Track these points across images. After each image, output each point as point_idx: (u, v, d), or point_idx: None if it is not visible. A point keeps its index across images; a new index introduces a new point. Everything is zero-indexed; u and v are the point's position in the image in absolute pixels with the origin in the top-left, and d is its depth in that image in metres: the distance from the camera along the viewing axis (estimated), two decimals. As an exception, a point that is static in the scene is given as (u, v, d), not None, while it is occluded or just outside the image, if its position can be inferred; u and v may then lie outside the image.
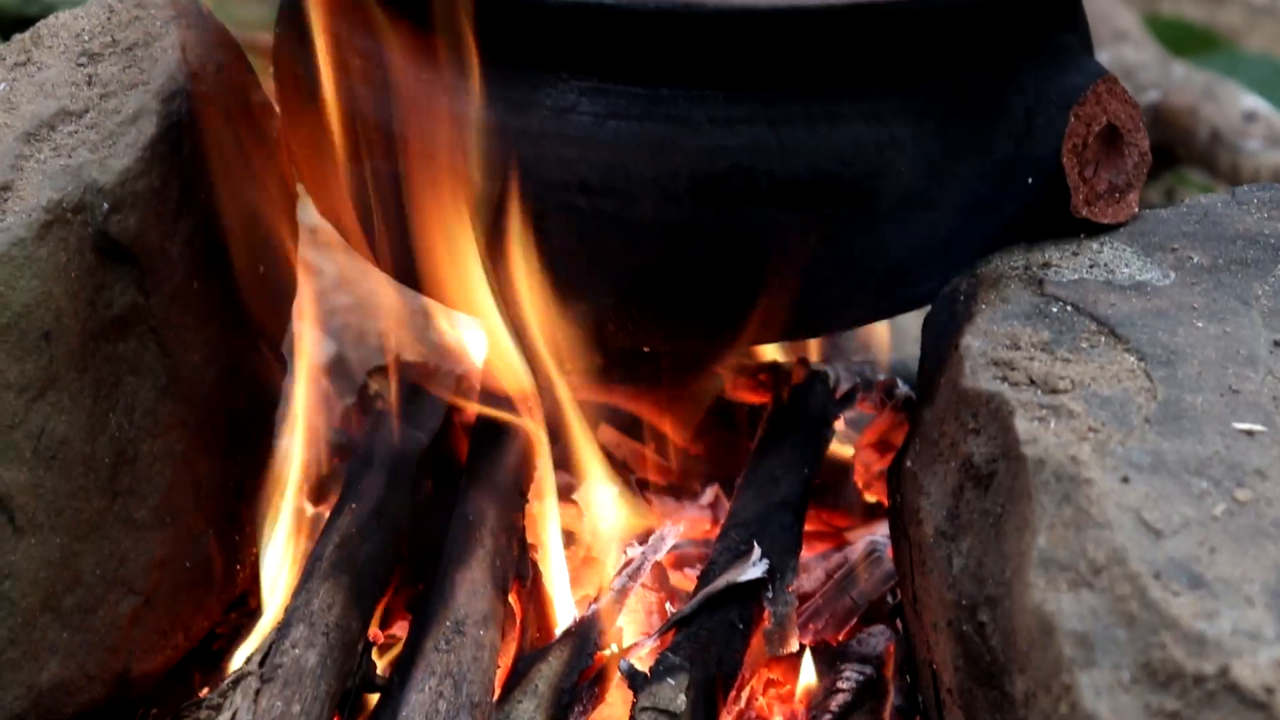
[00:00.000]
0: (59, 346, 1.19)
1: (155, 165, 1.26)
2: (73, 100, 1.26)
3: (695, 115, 1.16)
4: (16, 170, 1.20)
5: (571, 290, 1.21)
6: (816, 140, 1.16)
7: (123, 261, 1.24)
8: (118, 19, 1.33)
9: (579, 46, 1.15)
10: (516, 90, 1.17)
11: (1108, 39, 2.52)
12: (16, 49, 1.30)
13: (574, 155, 1.17)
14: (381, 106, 1.22)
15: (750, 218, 1.17)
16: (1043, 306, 1.15)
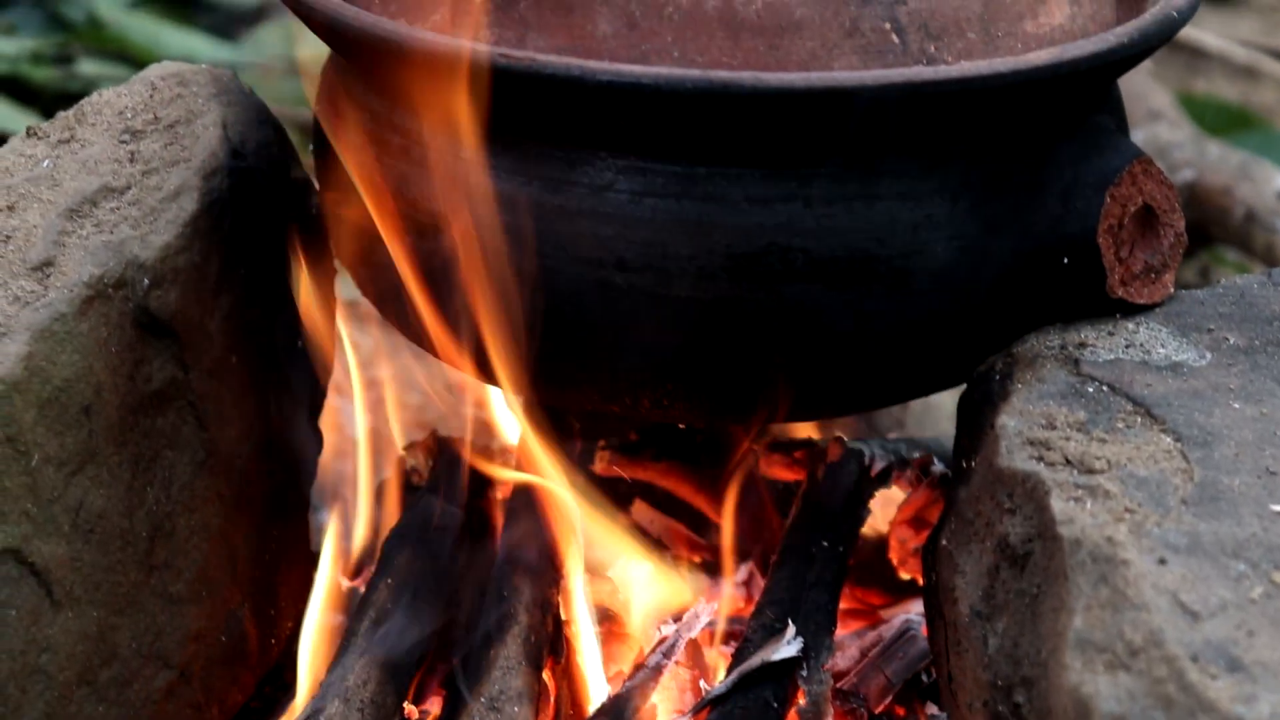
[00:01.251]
0: (98, 421, 1.20)
1: (196, 241, 1.27)
2: (115, 177, 1.27)
3: (732, 194, 1.16)
4: (59, 246, 1.21)
5: (607, 367, 1.22)
6: (853, 219, 1.17)
7: (162, 336, 1.25)
8: (160, 96, 1.34)
9: (616, 125, 1.16)
10: (554, 168, 1.18)
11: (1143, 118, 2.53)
12: (60, 126, 1.32)
13: (611, 233, 1.17)
14: (419, 183, 1.22)
15: (786, 296, 1.17)
16: (1079, 386, 1.16)
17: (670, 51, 1.17)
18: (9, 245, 1.20)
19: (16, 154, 1.29)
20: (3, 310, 1.17)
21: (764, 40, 1.16)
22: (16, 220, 1.22)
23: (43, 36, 2.34)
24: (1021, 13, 1.21)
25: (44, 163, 1.28)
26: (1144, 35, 1.20)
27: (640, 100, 1.13)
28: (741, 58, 1.16)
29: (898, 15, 1.17)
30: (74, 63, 2.28)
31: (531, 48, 1.18)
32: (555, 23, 1.18)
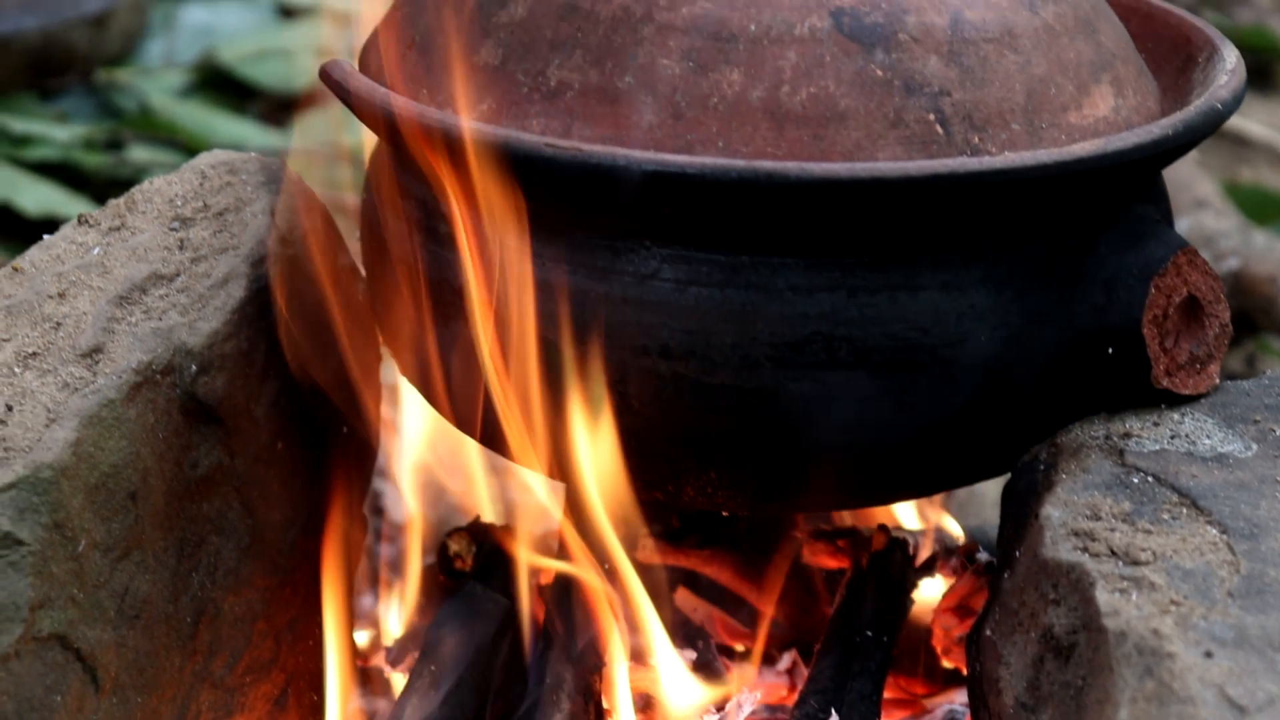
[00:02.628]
0: (145, 506, 1.20)
1: (243, 328, 1.28)
2: (164, 264, 1.28)
3: (776, 283, 1.17)
4: (108, 333, 1.22)
5: (650, 454, 1.22)
6: (896, 308, 1.17)
7: (209, 422, 1.26)
8: (210, 184, 1.36)
9: (661, 213, 1.17)
10: (599, 256, 1.19)
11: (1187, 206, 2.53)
12: (111, 214, 1.33)
13: (655, 321, 1.18)
14: (464, 270, 1.23)
15: (830, 385, 1.17)
16: (1124, 477, 1.15)
17: (715, 141, 1.17)
18: (59, 332, 1.22)
19: (68, 241, 1.30)
20: (52, 396, 1.18)
21: (808, 131, 1.17)
22: (67, 307, 1.23)
23: (94, 123, 2.37)
24: (1065, 104, 1.22)
25: (95, 250, 1.29)
26: (1189, 127, 1.20)
27: (685, 189, 1.14)
28: (786, 148, 1.17)
29: (942, 106, 1.18)
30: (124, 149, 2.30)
31: (577, 137, 1.19)
32: (601, 113, 1.19)
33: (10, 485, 1.14)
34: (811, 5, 1.19)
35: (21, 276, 1.27)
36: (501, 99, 1.22)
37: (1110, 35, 1.27)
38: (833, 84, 1.17)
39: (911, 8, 1.20)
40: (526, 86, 1.21)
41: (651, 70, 1.19)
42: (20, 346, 1.21)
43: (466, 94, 1.24)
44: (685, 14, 1.19)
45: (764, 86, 1.18)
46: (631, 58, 1.19)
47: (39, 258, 1.28)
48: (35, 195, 2.14)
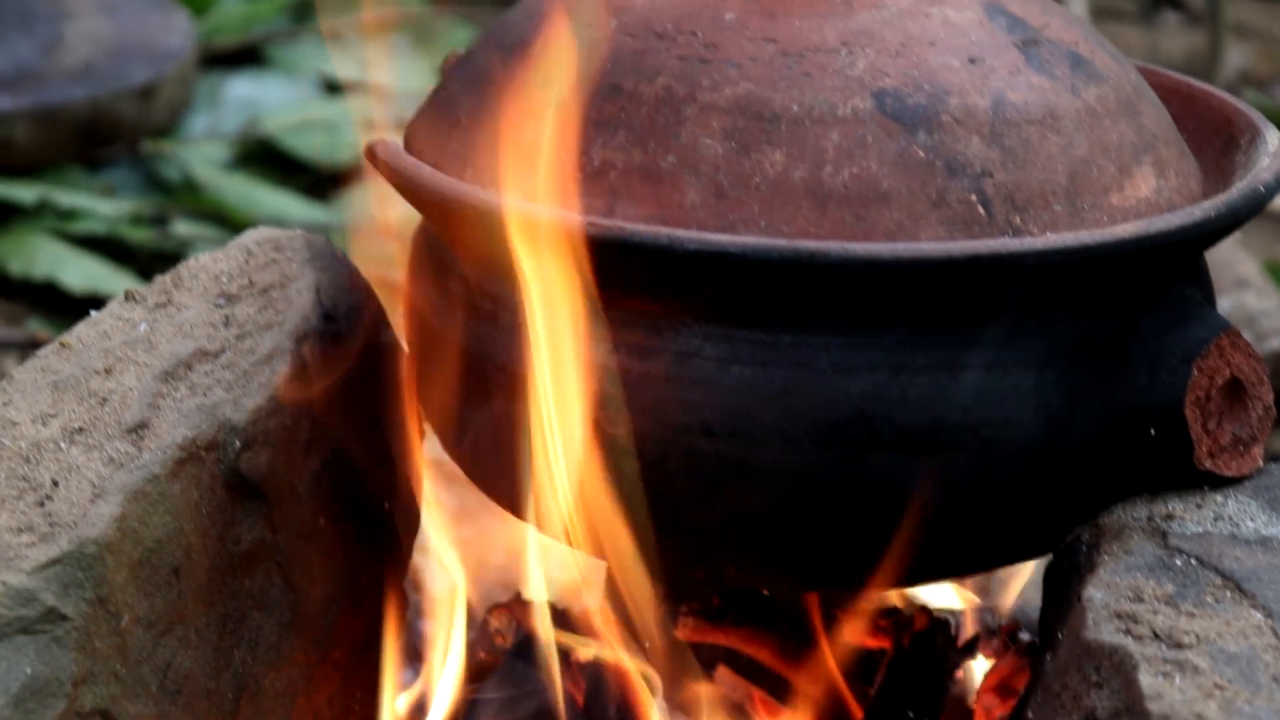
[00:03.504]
0: (188, 582, 1.21)
1: (287, 404, 1.29)
2: (210, 340, 1.29)
3: (817, 362, 1.17)
4: (154, 409, 1.23)
5: (691, 532, 1.22)
6: (938, 388, 1.17)
7: (252, 498, 1.27)
8: (255, 261, 1.37)
9: (704, 292, 1.17)
10: (641, 334, 1.19)
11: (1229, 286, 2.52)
12: (158, 290, 1.34)
13: (697, 399, 1.18)
14: (505, 347, 1.24)
15: (871, 464, 1.17)
16: (1166, 559, 1.15)
17: (758, 221, 1.18)
18: (105, 407, 1.23)
19: (115, 317, 1.31)
20: (98, 471, 1.18)
21: (850, 210, 1.17)
22: (113, 383, 1.24)
23: (140, 198, 2.39)
24: (1107, 185, 1.22)
25: (141, 326, 1.30)
26: (1231, 209, 1.21)
27: (728, 268, 1.15)
28: (828, 227, 1.17)
29: (984, 187, 1.18)
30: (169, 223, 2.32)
31: (620, 216, 1.19)
32: (644, 192, 1.20)
33: (55, 560, 1.14)
34: (854, 86, 1.20)
35: (69, 352, 1.28)
36: (544, 178, 1.22)
37: (1152, 117, 1.28)
38: (875, 164, 1.18)
39: (954, 89, 1.20)
40: (569, 166, 1.22)
41: (694, 150, 1.19)
42: (67, 422, 1.22)
43: (510, 173, 1.24)
44: (728, 94, 1.20)
45: (806, 166, 1.18)
46: (674, 137, 1.20)
47: (86, 334, 1.30)
48: (80, 271, 2.16)
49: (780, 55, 1.21)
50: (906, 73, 1.20)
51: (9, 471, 1.19)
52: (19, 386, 1.25)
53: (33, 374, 1.26)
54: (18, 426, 1.21)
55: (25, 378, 1.26)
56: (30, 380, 1.25)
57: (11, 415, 1.22)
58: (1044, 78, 1.23)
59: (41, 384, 1.25)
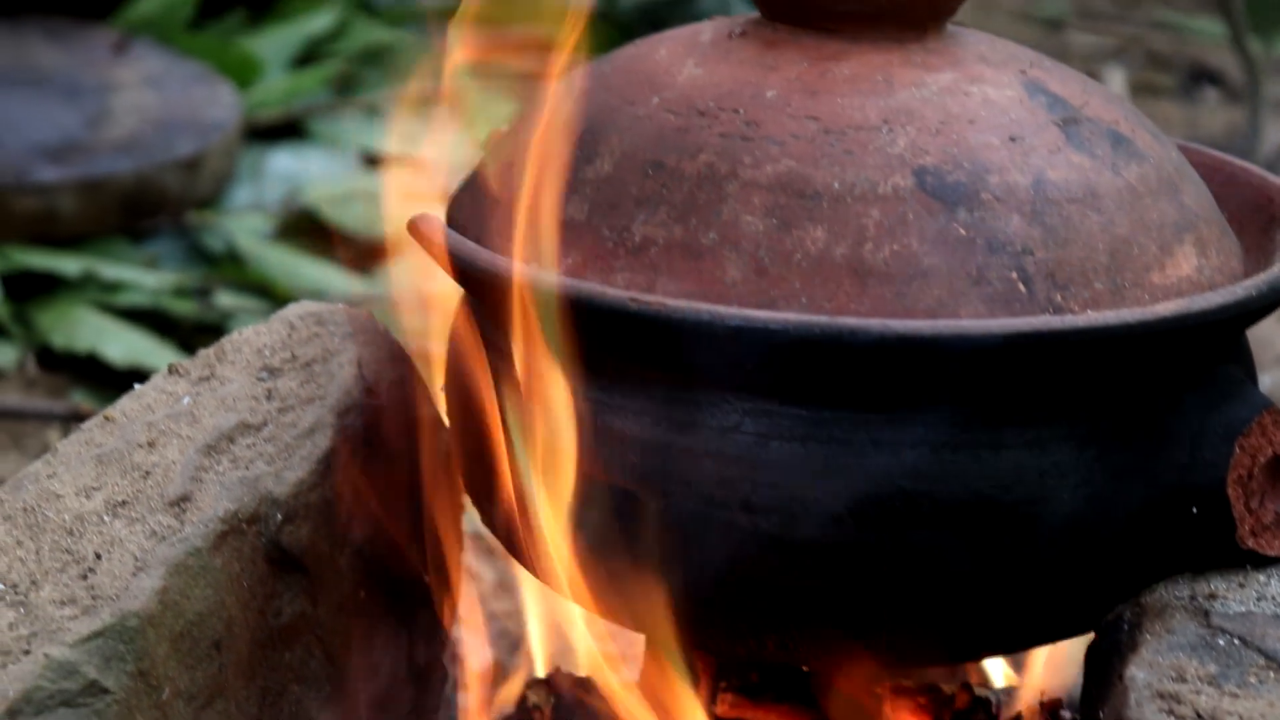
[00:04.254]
0: (228, 655, 1.21)
1: (328, 477, 1.30)
2: (252, 414, 1.30)
3: (858, 438, 1.17)
4: (196, 482, 1.24)
5: (731, 608, 1.22)
6: (979, 465, 1.17)
7: (293, 571, 1.27)
8: (298, 335, 1.37)
9: (745, 368, 1.17)
10: (681, 409, 1.19)
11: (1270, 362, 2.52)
12: (201, 363, 1.35)
13: (737, 474, 1.18)
14: (549, 422, 1.24)
15: (912, 541, 1.17)
16: (1209, 639, 1.14)
17: (798, 297, 1.18)
18: (148, 480, 1.23)
19: (159, 391, 1.32)
20: (140, 544, 1.19)
21: (891, 288, 1.18)
22: (156, 456, 1.25)
23: (184, 269, 2.41)
24: (1149, 264, 1.22)
25: (184, 399, 1.31)
26: (1272, 288, 1.21)
27: (768, 344, 1.15)
28: (869, 304, 1.18)
29: (1025, 265, 1.19)
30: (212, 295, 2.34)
31: (661, 292, 1.20)
32: (685, 268, 1.20)
33: (97, 633, 1.15)
34: (894, 164, 1.20)
35: (113, 425, 1.29)
36: (587, 254, 1.23)
37: (1193, 195, 1.28)
38: (915, 241, 1.18)
39: (994, 167, 1.21)
40: (612, 242, 1.22)
41: (735, 226, 1.20)
42: (110, 495, 1.23)
43: (552, 249, 1.25)
44: (769, 171, 1.21)
45: (847, 243, 1.19)
46: (716, 214, 1.20)
47: (130, 407, 1.30)
48: (122, 344, 2.18)
49: (822, 133, 1.22)
50: (947, 150, 1.21)
51: (53, 544, 1.19)
52: (64, 459, 1.26)
53: (77, 447, 1.27)
54: (62, 499, 1.22)
55: (70, 450, 1.27)
56: (75, 453, 1.26)
57: (56, 488, 1.23)
58: (1085, 156, 1.23)
59: (86, 457, 1.26)
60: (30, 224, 2.34)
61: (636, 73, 1.30)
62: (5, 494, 1.22)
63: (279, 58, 2.94)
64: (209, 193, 2.53)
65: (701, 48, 1.30)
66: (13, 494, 1.22)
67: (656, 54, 1.31)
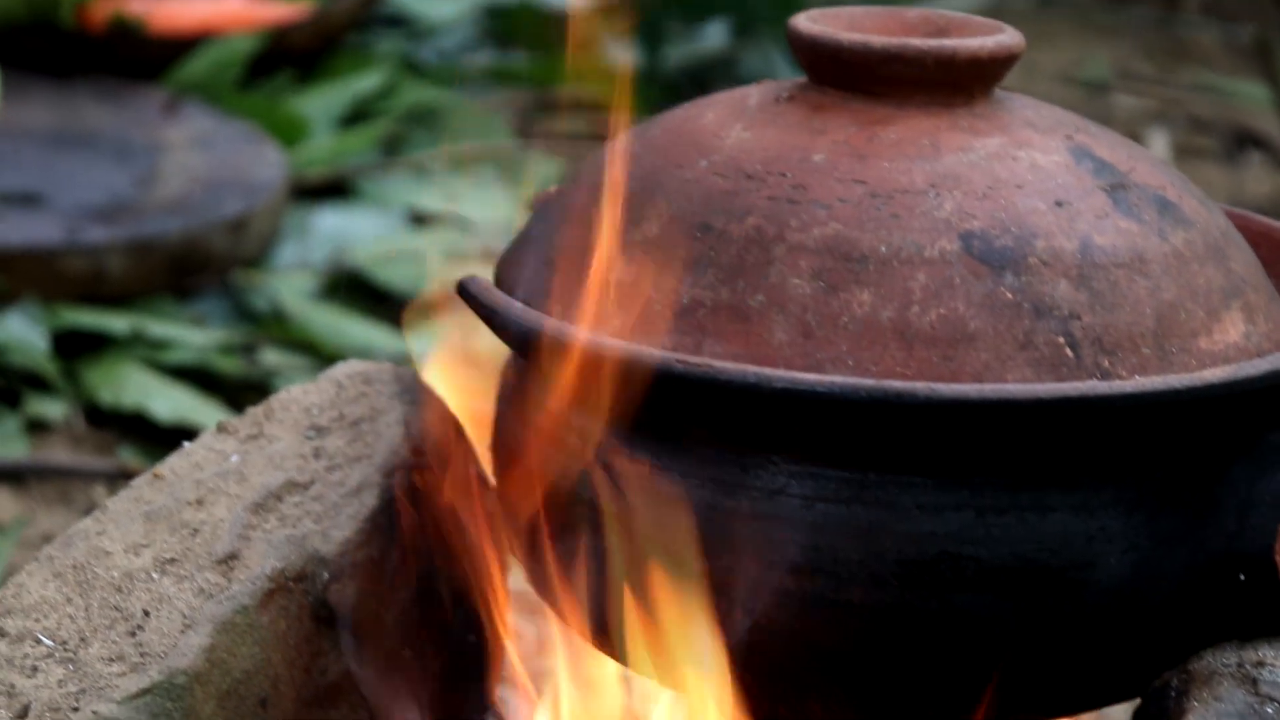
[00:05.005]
0: (275, 713, 1.21)
1: (375, 536, 1.30)
2: (300, 472, 1.31)
3: (903, 501, 1.17)
4: (244, 540, 1.25)
5: (776, 669, 1.22)
6: (1025, 529, 1.17)
7: (339, 629, 1.28)
8: (345, 394, 1.38)
9: (791, 430, 1.18)
10: (727, 471, 1.20)
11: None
12: (249, 422, 1.36)
13: (783, 536, 1.19)
14: (594, 483, 1.24)
15: (957, 604, 1.17)
16: (1257, 707, 1.14)
17: (845, 360, 1.19)
18: (196, 538, 1.24)
19: (207, 449, 1.33)
20: (188, 602, 1.20)
21: (938, 351, 1.18)
22: (205, 514, 1.26)
23: (229, 327, 2.42)
24: (1196, 330, 1.22)
25: (233, 458, 1.32)
26: (1321, 354, 1.21)
27: (815, 407, 1.15)
28: (915, 368, 1.18)
29: (1071, 330, 1.19)
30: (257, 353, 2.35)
31: (708, 354, 1.20)
32: (732, 330, 1.21)
33: (145, 691, 1.15)
34: (941, 228, 1.21)
35: (162, 483, 1.30)
36: (634, 315, 1.24)
37: (1240, 262, 1.28)
38: (962, 305, 1.19)
39: (1041, 232, 1.21)
40: (659, 303, 1.23)
41: (783, 289, 1.20)
42: (159, 552, 1.23)
43: (599, 310, 1.26)
44: (816, 235, 1.21)
45: (894, 307, 1.19)
46: (763, 277, 1.21)
47: (179, 465, 1.31)
48: (168, 402, 2.19)
49: (869, 197, 1.22)
50: (994, 215, 1.21)
51: (101, 601, 1.20)
52: (113, 517, 1.27)
53: (126, 504, 1.28)
54: (111, 556, 1.23)
55: (119, 508, 1.27)
56: (124, 510, 1.27)
57: (105, 545, 1.24)
58: (1131, 222, 1.24)
59: (135, 514, 1.26)
60: (79, 284, 2.36)
61: (684, 136, 1.31)
62: (56, 551, 1.23)
63: (326, 117, 2.96)
64: (255, 252, 2.54)
65: (749, 111, 1.31)
66: (63, 551, 1.23)
67: (704, 117, 1.32)
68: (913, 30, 1.32)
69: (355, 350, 2.32)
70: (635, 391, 1.20)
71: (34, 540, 1.94)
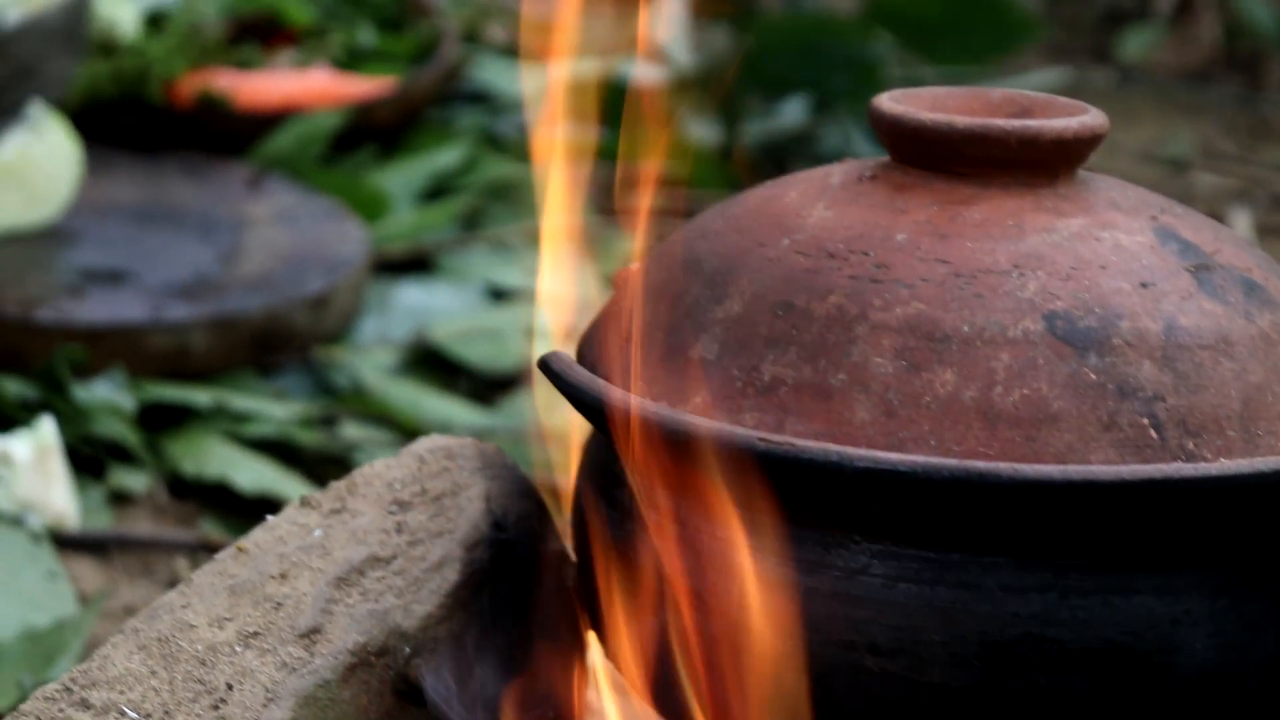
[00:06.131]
0: (355, 787, 1.22)
1: (456, 611, 1.31)
2: (382, 547, 1.32)
3: (986, 582, 1.17)
4: (327, 614, 1.25)
5: (856, 750, 1.21)
6: (1109, 612, 1.16)
7: (420, 704, 1.28)
8: (428, 469, 1.39)
9: (873, 510, 1.18)
10: (808, 550, 1.20)
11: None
12: (332, 496, 1.37)
13: (864, 616, 1.18)
14: (673, 559, 1.25)
15: (1040, 686, 1.16)
16: (1346, 794, 1.13)
17: (927, 440, 1.18)
18: (280, 612, 1.25)
19: (290, 523, 1.34)
20: (271, 676, 1.20)
21: (1021, 432, 1.18)
22: (288, 588, 1.27)
23: (310, 399, 2.44)
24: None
25: (316, 532, 1.32)
26: None
27: (897, 486, 1.15)
28: (998, 448, 1.18)
29: (1156, 411, 1.18)
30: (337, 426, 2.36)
31: (790, 432, 1.20)
32: (814, 409, 1.21)
33: (228, 763, 1.16)
34: (1024, 308, 1.21)
35: (245, 556, 1.30)
36: (716, 393, 1.24)
37: (1327, 343, 1.27)
38: (1046, 386, 1.18)
39: (1125, 313, 1.21)
40: (740, 381, 1.23)
41: (865, 368, 1.20)
42: (242, 626, 1.24)
43: (681, 388, 1.26)
44: (899, 314, 1.21)
45: (977, 386, 1.19)
46: (845, 355, 1.21)
47: (262, 538, 1.32)
48: (250, 473, 2.20)
49: (952, 276, 1.22)
50: (1078, 296, 1.21)
51: (185, 674, 1.21)
52: (197, 590, 1.27)
53: (211, 577, 1.29)
54: (195, 629, 1.24)
55: (204, 581, 1.28)
56: (208, 584, 1.28)
57: (190, 618, 1.24)
58: (1217, 303, 1.23)
59: (219, 587, 1.27)
60: (163, 360, 2.37)
61: (767, 214, 1.31)
62: (141, 623, 1.24)
63: (407, 192, 2.98)
64: (336, 327, 2.56)
65: (831, 190, 1.31)
66: (148, 623, 1.24)
67: (787, 196, 1.33)
68: (996, 111, 1.33)
69: (434, 424, 2.33)
70: (716, 469, 1.20)
71: (116, 611, 1.95)
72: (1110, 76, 3.94)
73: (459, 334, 2.62)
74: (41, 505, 2.03)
